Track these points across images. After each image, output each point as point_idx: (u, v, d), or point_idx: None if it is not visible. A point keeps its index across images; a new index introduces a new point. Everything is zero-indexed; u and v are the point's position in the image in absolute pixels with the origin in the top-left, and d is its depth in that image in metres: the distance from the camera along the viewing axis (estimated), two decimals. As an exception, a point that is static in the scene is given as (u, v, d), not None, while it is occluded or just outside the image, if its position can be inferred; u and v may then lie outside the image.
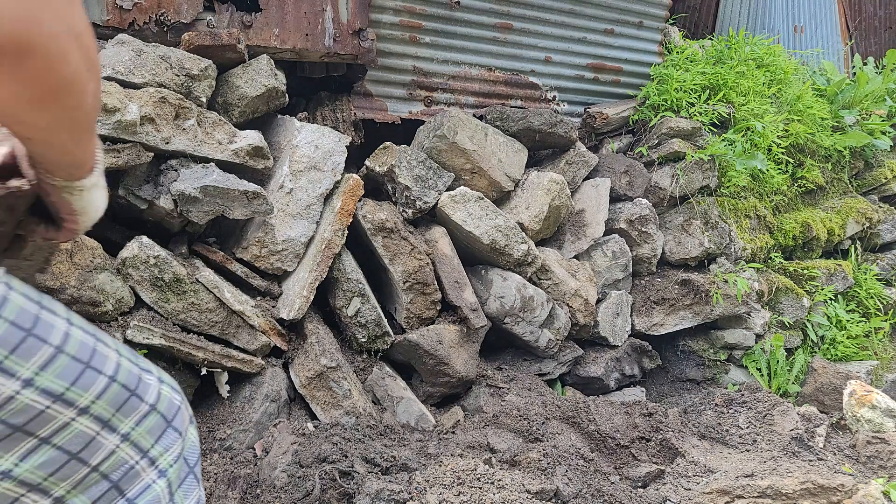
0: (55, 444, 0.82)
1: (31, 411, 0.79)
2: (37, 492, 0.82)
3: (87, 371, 0.83)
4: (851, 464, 2.10)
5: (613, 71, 2.89)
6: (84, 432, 0.84)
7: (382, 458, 1.83)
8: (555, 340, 2.43)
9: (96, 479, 0.86)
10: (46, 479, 0.82)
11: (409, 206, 2.18)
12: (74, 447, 0.83)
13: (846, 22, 4.58)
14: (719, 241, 2.84)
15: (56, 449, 0.82)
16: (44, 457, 0.81)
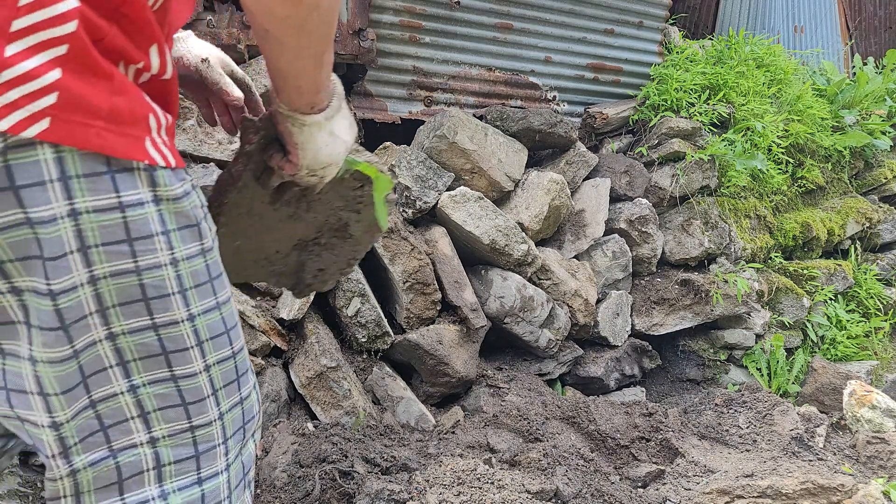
0: (178, 386, 0.84)
1: (180, 343, 0.83)
2: (143, 421, 0.84)
3: (223, 336, 0.87)
4: (851, 464, 2.10)
5: (613, 71, 2.90)
6: (201, 388, 0.86)
7: (382, 458, 1.83)
8: (555, 340, 2.43)
9: (187, 440, 0.87)
10: (156, 411, 0.84)
11: (410, 206, 2.18)
12: (189, 397, 0.85)
13: (846, 22, 4.58)
14: (719, 241, 2.85)
15: (177, 389, 0.84)
16: (165, 390, 0.83)
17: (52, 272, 0.72)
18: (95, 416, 0.82)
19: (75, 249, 0.73)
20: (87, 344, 0.78)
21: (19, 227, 0.70)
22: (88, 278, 0.75)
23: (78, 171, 0.71)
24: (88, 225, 0.73)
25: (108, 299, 0.77)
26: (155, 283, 0.79)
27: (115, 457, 0.84)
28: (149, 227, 0.77)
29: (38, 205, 0.70)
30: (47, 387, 0.78)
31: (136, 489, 0.85)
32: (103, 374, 0.80)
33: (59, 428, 0.80)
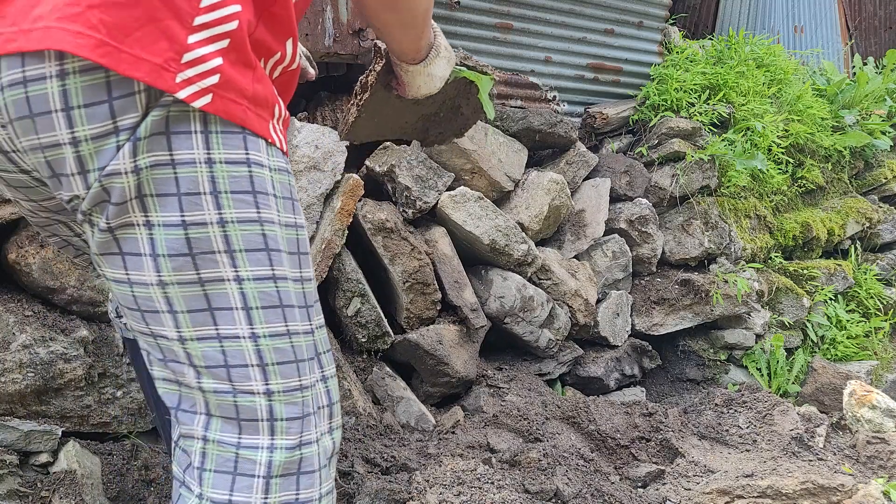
0: (292, 343, 0.95)
1: (291, 300, 0.95)
2: (262, 371, 0.93)
3: (314, 308, 1.01)
4: (851, 464, 2.10)
5: (613, 71, 2.89)
6: (308, 349, 0.98)
7: (382, 458, 1.83)
8: (555, 340, 2.43)
9: (298, 399, 0.96)
10: (273, 365, 0.93)
11: (409, 206, 2.18)
12: (300, 355, 0.96)
13: (846, 22, 4.58)
14: (719, 241, 2.85)
15: (291, 346, 0.95)
16: (282, 345, 0.94)
17: (187, 206, 0.86)
18: (221, 351, 0.92)
19: (207, 192, 0.87)
20: (214, 278, 0.89)
21: (165, 166, 0.85)
22: (218, 219, 0.88)
23: (217, 129, 0.87)
24: (221, 173, 0.88)
25: (236, 243, 0.90)
26: (271, 234, 0.92)
27: (234, 396, 0.93)
28: (267, 186, 0.92)
29: (182, 149, 0.85)
30: (176, 305, 0.89)
31: (252, 434, 0.93)
32: (229, 313, 0.91)
33: (185, 343, 0.91)
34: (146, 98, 0.84)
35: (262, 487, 0.93)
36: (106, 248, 0.89)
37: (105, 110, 0.82)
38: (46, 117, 0.82)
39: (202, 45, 0.85)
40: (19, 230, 1.63)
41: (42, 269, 1.62)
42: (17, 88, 0.82)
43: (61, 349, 1.62)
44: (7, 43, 0.81)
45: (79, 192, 0.87)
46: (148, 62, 0.82)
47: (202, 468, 0.94)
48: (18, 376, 1.56)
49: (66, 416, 1.66)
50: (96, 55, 0.80)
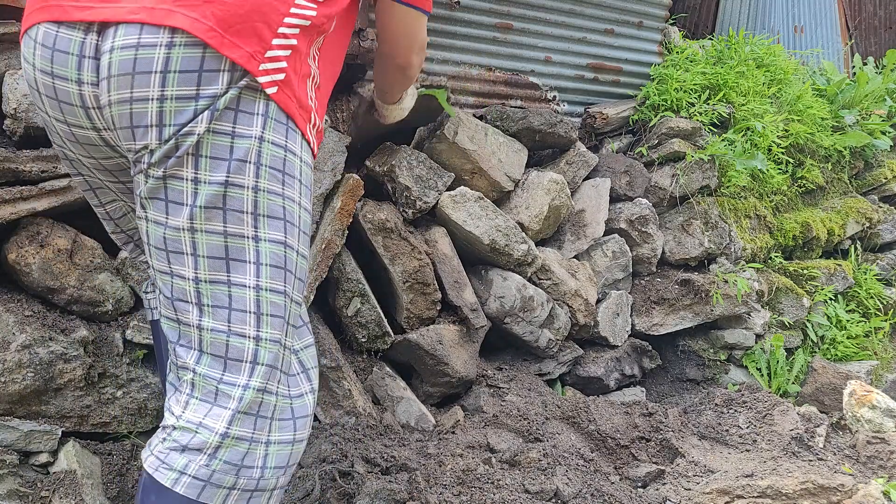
0: (286, 303, 1.16)
1: (291, 267, 1.16)
2: (256, 318, 1.12)
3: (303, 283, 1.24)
4: (851, 464, 2.10)
5: (613, 71, 2.89)
6: (297, 316, 1.21)
7: (382, 458, 1.83)
8: (555, 340, 2.43)
9: (278, 350, 1.15)
10: (267, 315, 1.12)
11: (410, 206, 2.18)
12: (292, 319, 1.18)
13: (846, 22, 4.58)
14: (719, 241, 2.85)
15: (284, 305, 1.15)
16: (278, 300, 1.14)
17: (234, 169, 1.07)
18: (227, 295, 1.09)
19: (252, 161, 1.08)
20: (237, 235, 1.09)
21: (225, 135, 1.06)
22: (254, 186, 1.08)
23: (272, 115, 1.10)
24: (267, 150, 1.09)
25: (264, 209, 1.09)
26: (289, 210, 1.13)
27: (228, 336, 1.10)
28: (294, 172, 1.14)
29: (243, 125, 1.07)
30: (199, 249, 1.08)
31: (234, 373, 1.11)
32: (242, 265, 1.09)
33: (199, 283, 1.09)
34: (228, 78, 1.05)
35: (228, 418, 1.10)
36: (154, 192, 1.07)
37: (194, 78, 1.03)
38: (145, 76, 1.02)
39: (279, 49, 1.09)
40: (19, 230, 1.63)
41: (42, 269, 1.62)
42: (129, 51, 1.02)
43: (61, 349, 1.62)
44: (130, 14, 1.02)
45: (150, 142, 1.05)
46: (242, 49, 1.05)
47: (191, 395, 1.12)
48: (18, 376, 1.56)
49: (66, 416, 1.66)
50: (207, 37, 1.03)
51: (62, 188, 1.62)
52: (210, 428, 1.09)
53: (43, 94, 1.11)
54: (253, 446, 1.12)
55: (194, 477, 1.08)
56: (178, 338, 1.13)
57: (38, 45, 1.08)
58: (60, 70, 1.07)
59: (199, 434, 1.09)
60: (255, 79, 1.06)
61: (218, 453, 1.09)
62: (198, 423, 1.09)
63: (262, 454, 1.13)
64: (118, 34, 1.03)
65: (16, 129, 1.61)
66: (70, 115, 1.11)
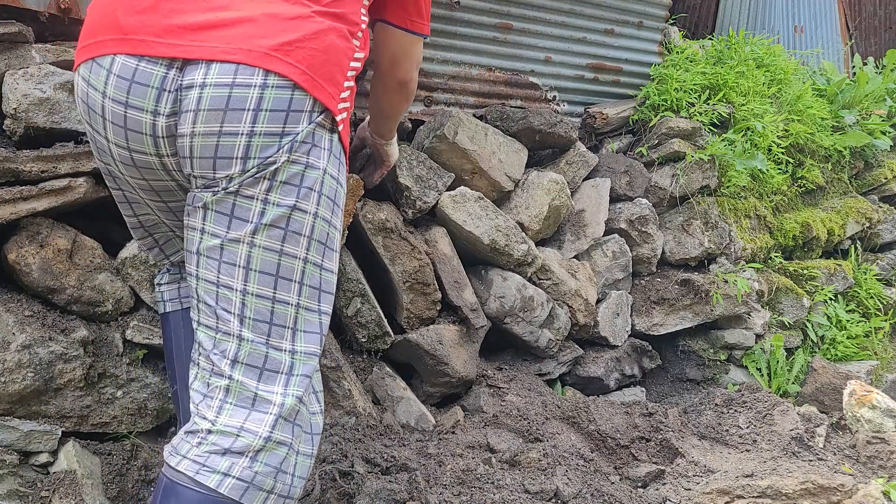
0: (321, 320, 1.27)
1: (325, 287, 1.26)
2: (292, 333, 1.21)
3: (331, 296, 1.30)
4: (851, 464, 2.10)
5: (613, 71, 2.89)
6: (324, 327, 1.29)
7: (382, 458, 1.83)
8: (555, 340, 2.43)
9: (313, 363, 1.26)
10: (303, 331, 1.23)
11: (410, 206, 2.18)
12: (323, 331, 1.27)
13: (846, 22, 4.58)
14: (719, 241, 2.84)
15: (319, 322, 1.26)
16: (313, 318, 1.25)
17: (303, 196, 1.17)
18: (270, 311, 1.17)
19: (316, 191, 1.18)
20: (291, 255, 1.17)
21: (300, 165, 1.16)
22: (314, 212, 1.18)
23: (334, 151, 1.23)
24: (327, 182, 1.20)
25: (317, 234, 1.19)
26: (332, 235, 1.24)
27: (267, 348, 1.17)
28: (340, 201, 1.25)
29: (315, 157, 1.18)
30: (253, 264, 1.16)
31: (269, 383, 1.17)
32: (289, 283, 1.18)
33: (246, 296, 1.16)
34: (308, 118, 1.16)
35: (271, 423, 1.15)
36: (219, 206, 1.15)
37: (282, 117, 1.13)
38: (238, 112, 1.11)
39: (344, 91, 1.24)
40: (19, 230, 1.62)
41: (42, 269, 1.62)
42: (223, 88, 1.11)
43: (61, 349, 1.62)
44: (225, 54, 1.11)
45: (233, 172, 1.13)
46: (327, 92, 1.19)
47: (224, 400, 1.16)
48: (18, 376, 1.56)
49: (66, 416, 1.66)
50: (301, 80, 1.14)
51: (62, 188, 1.62)
52: (253, 432, 1.14)
53: (109, 120, 1.17)
54: (290, 453, 1.18)
55: (238, 478, 1.12)
56: (213, 346, 1.18)
57: (114, 76, 1.14)
58: (137, 101, 1.14)
59: (242, 437, 1.13)
60: (334, 116, 1.20)
61: (259, 456, 1.14)
62: (239, 427, 1.14)
63: (294, 462, 1.18)
64: (211, 72, 1.11)
65: (16, 129, 1.61)
66: (135, 142, 1.18)
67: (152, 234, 1.51)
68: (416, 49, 1.62)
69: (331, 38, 1.19)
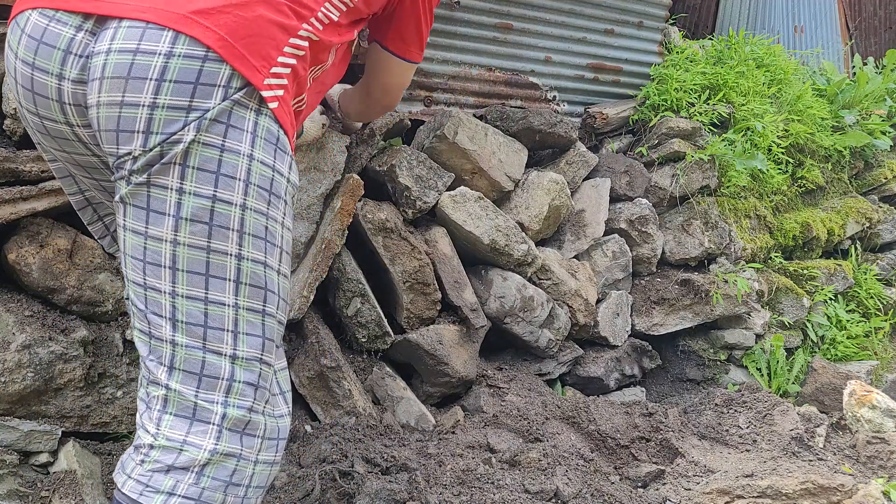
0: (264, 322, 1.13)
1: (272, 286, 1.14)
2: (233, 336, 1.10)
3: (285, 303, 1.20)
4: (851, 464, 2.10)
5: (613, 71, 2.89)
6: (274, 331, 1.16)
7: (382, 458, 1.83)
8: (555, 340, 2.43)
9: (256, 369, 1.12)
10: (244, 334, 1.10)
11: (410, 206, 2.18)
12: (268, 334, 1.14)
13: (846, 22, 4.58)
14: (719, 241, 2.84)
15: (262, 324, 1.13)
16: (255, 319, 1.12)
17: (223, 185, 1.04)
18: (203, 313, 1.06)
19: (241, 179, 1.06)
20: (220, 252, 1.06)
21: (214, 148, 1.04)
22: (241, 203, 1.06)
23: (262, 134, 1.08)
24: (256, 169, 1.07)
25: (249, 228, 1.07)
26: (272, 230, 1.11)
27: (204, 352, 1.07)
28: (281, 192, 1.12)
29: (233, 140, 1.05)
30: (180, 263, 1.05)
31: (209, 390, 1.07)
32: (223, 282, 1.07)
33: (175, 297, 1.06)
34: (223, 93, 1.04)
35: (215, 434, 1.07)
36: (135, 199, 1.05)
37: (188, 90, 1.02)
38: (140, 82, 1.01)
39: (282, 66, 1.11)
40: (19, 230, 1.63)
41: (42, 269, 1.62)
42: (127, 55, 1.01)
43: (61, 349, 1.62)
44: (138, 12, 1.02)
45: (134, 148, 1.03)
46: (250, 63, 1.06)
47: (163, 411, 1.08)
48: (18, 376, 1.56)
49: (66, 416, 1.66)
50: (217, 45, 1.03)
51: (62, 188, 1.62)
52: (196, 444, 1.06)
53: (20, 83, 1.10)
54: (242, 464, 1.09)
55: (184, 496, 1.05)
56: (148, 352, 1.10)
57: (25, 35, 1.08)
58: (43, 63, 1.06)
59: (186, 451, 1.05)
60: (258, 92, 1.07)
61: (206, 470, 1.06)
62: (181, 441, 1.06)
63: (249, 472, 1.10)
64: (118, 35, 1.02)
65: (16, 129, 1.61)
66: (43, 108, 1.11)
67: (101, 215, 1.43)
68: (409, 76, 1.66)
69: (261, 10, 1.09)
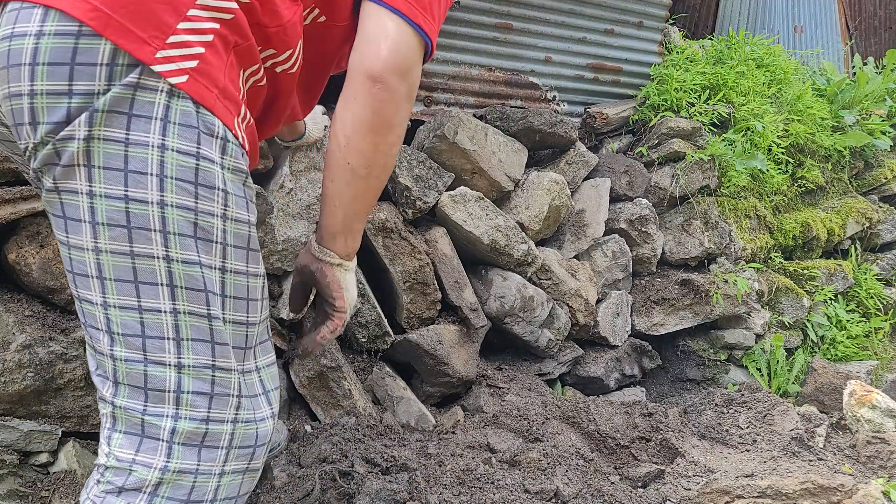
0: (211, 325, 1.02)
1: (215, 288, 1.03)
2: (176, 344, 1.00)
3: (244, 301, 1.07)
4: (851, 464, 2.10)
5: (613, 71, 2.89)
6: (224, 335, 1.04)
7: (382, 458, 1.83)
8: (555, 340, 2.43)
9: (208, 376, 1.03)
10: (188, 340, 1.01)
11: (410, 207, 2.18)
12: (217, 338, 1.03)
13: (846, 22, 4.58)
14: (719, 241, 2.85)
15: (209, 328, 1.02)
16: (199, 324, 1.01)
17: (132, 183, 0.94)
18: (140, 322, 0.98)
19: (155, 174, 0.94)
20: (145, 255, 0.96)
21: (117, 143, 0.93)
22: (159, 201, 0.95)
23: (175, 119, 0.94)
24: (171, 160, 0.95)
25: (173, 226, 0.96)
26: (204, 225, 0.99)
27: (145, 365, 0.99)
28: (213, 181, 0.98)
29: (139, 131, 0.93)
30: (105, 272, 0.97)
31: (157, 403, 1.00)
32: (155, 287, 0.98)
33: (108, 308, 0.98)
34: (107, 72, 0.91)
35: (165, 451, 1.00)
36: (51, 207, 0.97)
37: (65, 72, 0.91)
38: (17, 69, 0.92)
39: (189, 34, 0.95)
40: (19, 230, 1.62)
41: (42, 269, 1.62)
42: (5, 42, 0.93)
43: (61, 349, 1.62)
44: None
45: (29, 141, 0.95)
46: (135, 36, 0.92)
47: (113, 429, 1.02)
48: (18, 376, 1.56)
49: (66, 416, 1.66)
50: (89, 18, 0.90)
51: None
52: (146, 464, 1.00)
53: None
54: (201, 479, 1.02)
55: None
56: (96, 367, 1.03)
57: None
58: None
59: (135, 472, 0.99)
60: (151, 69, 0.92)
61: (160, 490, 1.00)
62: (130, 461, 1.00)
63: (212, 486, 1.03)
64: (3, 20, 0.94)
65: (16, 129, 1.61)
66: None
67: None
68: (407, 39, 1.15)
69: None
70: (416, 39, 1.13)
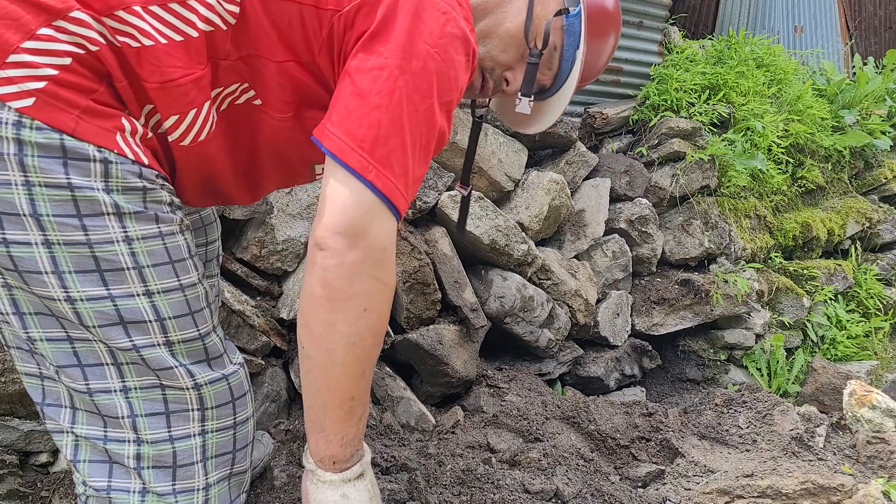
0: (142, 355, 0.95)
1: (137, 315, 0.94)
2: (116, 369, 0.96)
3: (188, 317, 1.00)
4: (851, 464, 2.10)
5: (613, 71, 2.89)
6: (163, 359, 0.98)
7: (382, 458, 1.83)
8: (555, 340, 2.43)
9: (158, 396, 0.98)
10: (128, 364, 0.96)
11: (410, 207, 2.18)
12: (153, 365, 0.97)
13: (846, 22, 4.58)
14: (719, 241, 2.85)
15: (140, 357, 0.96)
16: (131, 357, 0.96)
17: (8, 225, 0.85)
18: (72, 352, 0.93)
19: (28, 214, 0.85)
20: (48, 298, 0.89)
21: None
22: (42, 240, 0.86)
23: (33, 152, 0.83)
24: (41, 196, 0.85)
25: (66, 265, 0.88)
26: (106, 256, 0.89)
27: (91, 395, 0.94)
28: (98, 208, 0.88)
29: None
30: (23, 307, 0.92)
31: (116, 428, 0.96)
32: (72, 324, 0.92)
33: (34, 343, 0.93)
34: None
35: (136, 476, 0.97)
36: None
37: None
38: None
39: (37, 54, 0.83)
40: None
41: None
42: None
43: (61, 349, 1.62)
44: None
45: None
46: None
47: (75, 459, 0.98)
48: (19, 377, 1.56)
49: (66, 416, 1.66)
50: None
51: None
52: (123, 489, 0.97)
53: None
54: (183, 498, 0.99)
55: None
56: (42, 397, 0.99)
57: None
58: None
59: (114, 499, 0.97)
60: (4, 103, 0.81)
61: None
62: (105, 489, 0.97)
63: (202, 500, 1.01)
64: None
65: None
66: None
67: None
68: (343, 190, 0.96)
69: None
70: (371, 198, 0.95)
